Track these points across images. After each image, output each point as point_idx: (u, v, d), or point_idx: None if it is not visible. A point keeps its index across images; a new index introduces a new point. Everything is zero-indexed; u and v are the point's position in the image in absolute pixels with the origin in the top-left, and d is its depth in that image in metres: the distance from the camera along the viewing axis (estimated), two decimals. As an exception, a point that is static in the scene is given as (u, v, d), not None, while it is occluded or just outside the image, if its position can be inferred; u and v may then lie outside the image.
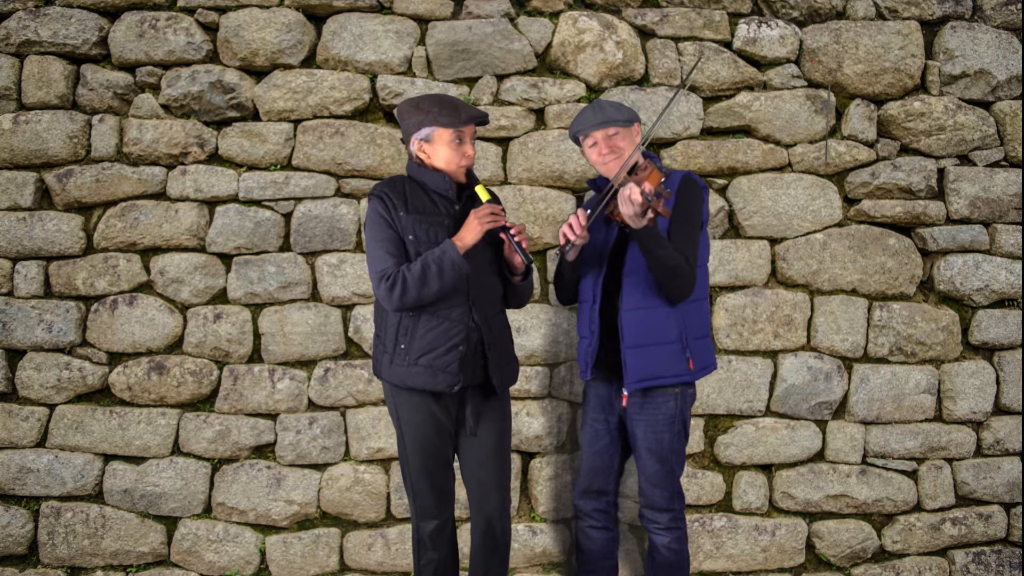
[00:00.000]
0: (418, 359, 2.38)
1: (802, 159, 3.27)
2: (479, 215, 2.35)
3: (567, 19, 3.21)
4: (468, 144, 2.43)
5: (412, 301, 2.34)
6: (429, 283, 2.31)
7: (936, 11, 3.30)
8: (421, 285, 2.31)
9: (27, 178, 3.17)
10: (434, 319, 2.39)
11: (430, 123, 2.39)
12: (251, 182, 3.17)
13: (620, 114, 2.50)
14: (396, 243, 2.38)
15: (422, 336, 2.39)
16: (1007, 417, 3.31)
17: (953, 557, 3.30)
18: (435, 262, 2.31)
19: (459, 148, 2.41)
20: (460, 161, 2.42)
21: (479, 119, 2.45)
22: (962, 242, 3.28)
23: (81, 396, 3.18)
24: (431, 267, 2.31)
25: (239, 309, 3.19)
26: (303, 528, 3.20)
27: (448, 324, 2.39)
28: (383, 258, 2.36)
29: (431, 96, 2.46)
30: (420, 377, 2.39)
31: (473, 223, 2.35)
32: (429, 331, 2.39)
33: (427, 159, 2.44)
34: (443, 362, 2.38)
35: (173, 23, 3.15)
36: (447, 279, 2.32)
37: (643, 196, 2.19)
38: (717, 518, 3.23)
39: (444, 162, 2.42)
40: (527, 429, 3.19)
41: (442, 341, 2.38)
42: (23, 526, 3.16)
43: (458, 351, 2.38)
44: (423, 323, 2.39)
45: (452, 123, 2.38)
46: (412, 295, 2.32)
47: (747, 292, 3.24)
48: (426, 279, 2.31)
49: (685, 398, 2.54)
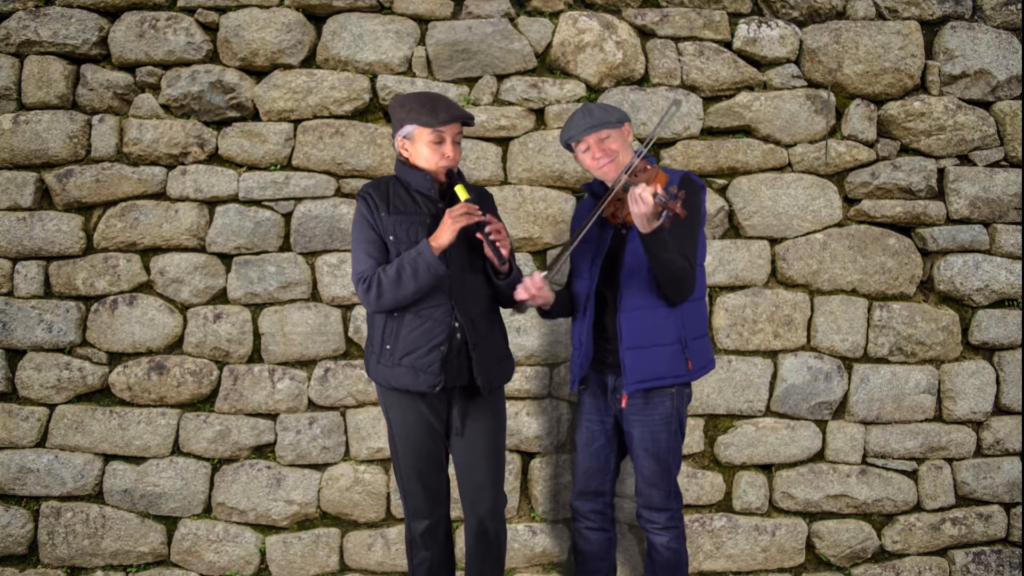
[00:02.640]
0: (401, 359, 2.39)
1: (802, 159, 3.27)
2: (453, 214, 2.33)
3: (567, 19, 3.21)
4: (449, 144, 2.40)
5: (389, 303, 2.34)
6: (404, 284, 2.31)
7: (936, 11, 3.30)
8: (396, 287, 2.31)
9: (27, 178, 3.17)
10: (417, 319, 2.39)
11: (411, 121, 2.38)
12: (251, 182, 3.17)
13: (610, 116, 2.50)
14: (376, 244, 2.39)
15: (405, 336, 2.39)
16: (1007, 417, 3.31)
17: (953, 557, 3.30)
18: (410, 263, 2.31)
19: (438, 148, 2.39)
20: (439, 161, 2.40)
21: (459, 119, 2.41)
22: (962, 242, 3.28)
23: (81, 396, 3.18)
24: (406, 268, 2.31)
25: (239, 309, 3.19)
26: (303, 528, 3.20)
27: (431, 324, 2.38)
28: (362, 260, 2.39)
29: (417, 94, 2.45)
30: (403, 377, 2.39)
31: (447, 222, 2.33)
32: (412, 331, 2.39)
33: (410, 157, 2.44)
34: (425, 362, 2.37)
35: (173, 23, 3.15)
36: (422, 280, 2.31)
37: (655, 197, 2.18)
38: (717, 518, 3.23)
39: (424, 161, 2.41)
40: (527, 429, 3.19)
41: (424, 341, 2.38)
42: (23, 526, 3.16)
43: (439, 351, 2.37)
44: (407, 323, 2.39)
45: (429, 123, 2.36)
46: (388, 297, 2.33)
47: (747, 292, 3.24)
48: (400, 280, 2.31)
49: (682, 397, 2.54)
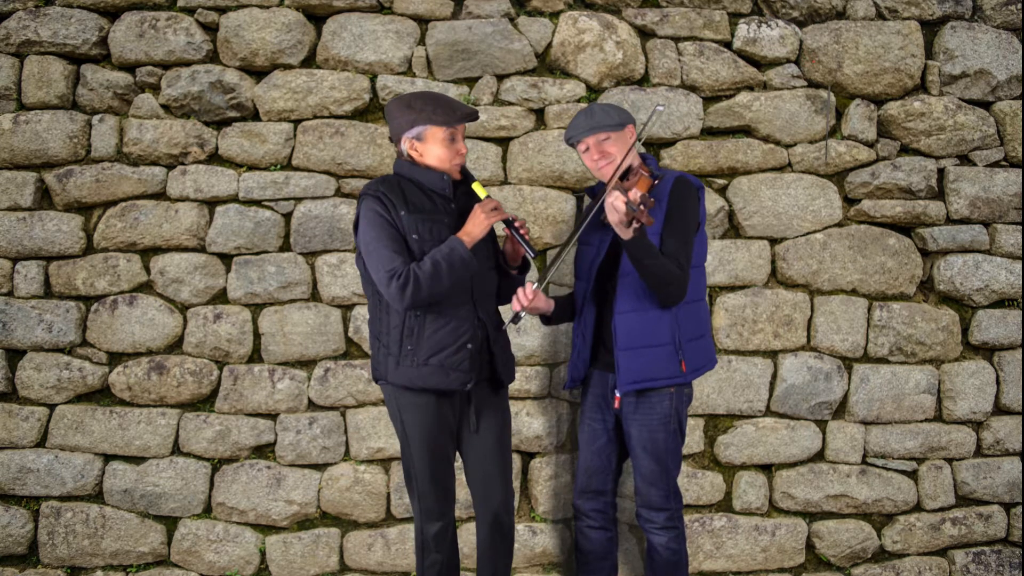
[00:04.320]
0: (428, 359, 2.38)
1: (802, 159, 3.27)
2: (485, 209, 2.36)
3: (567, 19, 3.21)
4: (460, 142, 2.44)
5: (424, 299, 2.33)
6: (441, 280, 2.31)
7: (936, 11, 3.30)
8: (433, 282, 2.31)
9: (27, 178, 3.17)
10: (441, 318, 2.39)
11: (423, 121, 2.38)
12: (251, 182, 3.17)
13: (610, 119, 2.50)
14: (400, 241, 2.36)
15: (430, 336, 2.38)
16: (1007, 417, 3.31)
17: (953, 557, 3.30)
18: (444, 259, 2.31)
19: (452, 146, 2.41)
20: (454, 159, 2.43)
21: (472, 117, 2.45)
22: (962, 242, 3.28)
23: (81, 396, 3.18)
24: (441, 264, 2.31)
25: (239, 309, 3.19)
26: (303, 528, 3.20)
27: (456, 323, 2.39)
28: (390, 257, 2.32)
29: (423, 94, 2.45)
30: (432, 377, 2.38)
31: (480, 217, 2.36)
32: (437, 330, 2.39)
33: (419, 157, 2.44)
34: (454, 361, 2.38)
35: (173, 23, 3.15)
36: (458, 275, 2.33)
37: (627, 205, 2.19)
38: (717, 518, 3.23)
39: (437, 160, 2.42)
40: (527, 429, 3.19)
41: (451, 340, 2.39)
42: (23, 526, 3.16)
43: (467, 349, 2.39)
44: (430, 323, 2.39)
45: (447, 121, 2.38)
46: (424, 292, 2.31)
47: (747, 292, 3.24)
48: (438, 276, 2.31)
49: (681, 397, 2.54)
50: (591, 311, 2.61)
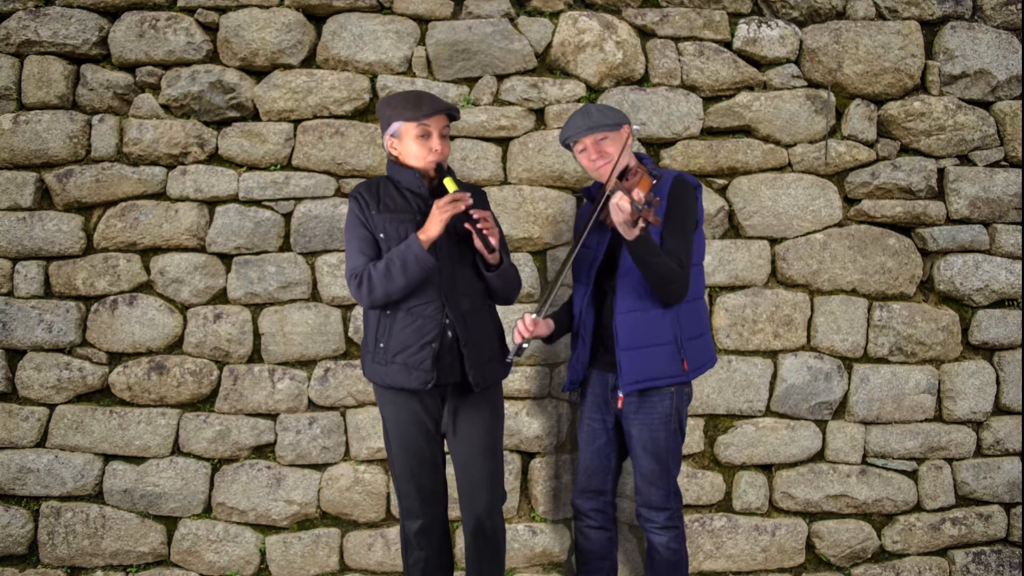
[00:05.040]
0: (394, 357, 2.39)
1: (802, 159, 3.27)
2: (439, 205, 2.32)
3: (567, 19, 3.21)
4: (436, 139, 2.40)
5: (380, 298, 2.34)
6: (394, 279, 2.31)
7: (936, 11, 3.30)
8: (386, 281, 2.31)
9: (27, 178, 3.17)
10: (409, 317, 2.39)
11: (396, 118, 2.39)
12: (251, 182, 3.17)
13: (607, 119, 2.51)
14: (369, 242, 2.39)
15: (398, 334, 2.39)
16: (1007, 417, 3.31)
17: (953, 557, 3.30)
18: (399, 257, 2.31)
19: (425, 143, 2.39)
20: (427, 156, 2.40)
21: (443, 111, 2.40)
22: (962, 242, 3.28)
23: (81, 396, 3.18)
24: (395, 262, 2.31)
25: (239, 309, 3.19)
26: (303, 528, 3.20)
27: (422, 321, 2.38)
28: (355, 257, 2.39)
29: (403, 92, 2.46)
30: (397, 375, 2.39)
31: (435, 214, 2.32)
32: (404, 329, 2.39)
33: (400, 156, 2.45)
34: (417, 359, 2.37)
35: (173, 23, 3.15)
36: (412, 274, 2.31)
37: (632, 205, 2.19)
38: (717, 518, 3.23)
39: (413, 158, 2.41)
40: (527, 429, 3.19)
41: (415, 339, 2.38)
42: (23, 526, 3.16)
43: (431, 348, 2.37)
44: (399, 321, 2.39)
45: (414, 116, 2.36)
46: (379, 292, 2.33)
47: (747, 292, 3.24)
48: (390, 274, 2.31)
49: (681, 397, 2.55)
50: (590, 313, 2.61)
